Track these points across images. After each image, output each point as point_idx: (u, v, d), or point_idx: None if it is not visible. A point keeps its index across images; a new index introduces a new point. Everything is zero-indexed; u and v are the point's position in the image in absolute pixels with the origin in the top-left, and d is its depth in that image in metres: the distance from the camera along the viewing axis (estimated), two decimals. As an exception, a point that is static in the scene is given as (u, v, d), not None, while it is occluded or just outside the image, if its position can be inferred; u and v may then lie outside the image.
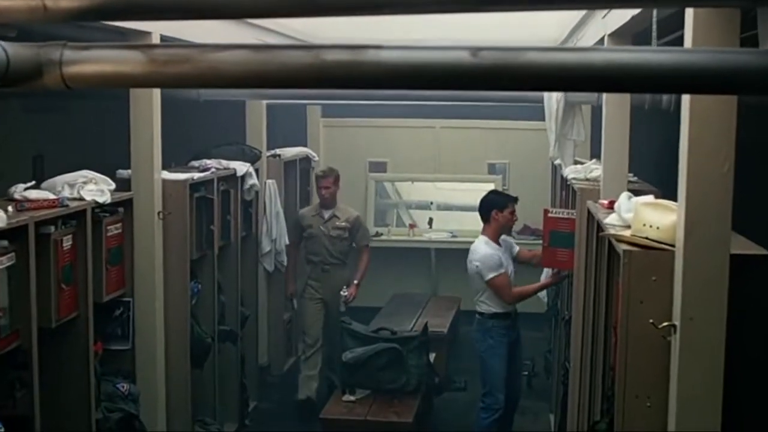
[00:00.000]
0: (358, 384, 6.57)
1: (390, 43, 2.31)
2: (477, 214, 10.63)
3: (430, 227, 10.65)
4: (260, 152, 7.57)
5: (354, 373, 6.55)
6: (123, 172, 5.76)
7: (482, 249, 6.50)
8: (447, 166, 10.70)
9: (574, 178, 6.25)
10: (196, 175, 6.19)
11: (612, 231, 3.68)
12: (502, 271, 6.42)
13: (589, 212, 4.83)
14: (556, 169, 8.04)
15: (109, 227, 4.97)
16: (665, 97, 6.76)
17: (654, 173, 7.25)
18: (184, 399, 6.00)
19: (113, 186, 4.93)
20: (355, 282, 8.01)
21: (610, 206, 4.28)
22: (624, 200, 3.77)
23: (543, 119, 9.00)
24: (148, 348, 5.65)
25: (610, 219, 3.86)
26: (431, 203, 10.87)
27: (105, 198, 4.75)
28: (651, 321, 3.09)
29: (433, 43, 2.41)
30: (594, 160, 6.39)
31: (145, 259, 5.61)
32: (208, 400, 6.57)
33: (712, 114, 2.89)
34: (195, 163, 6.77)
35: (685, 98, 2.96)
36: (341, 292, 7.78)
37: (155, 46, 2.36)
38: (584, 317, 4.86)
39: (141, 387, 5.58)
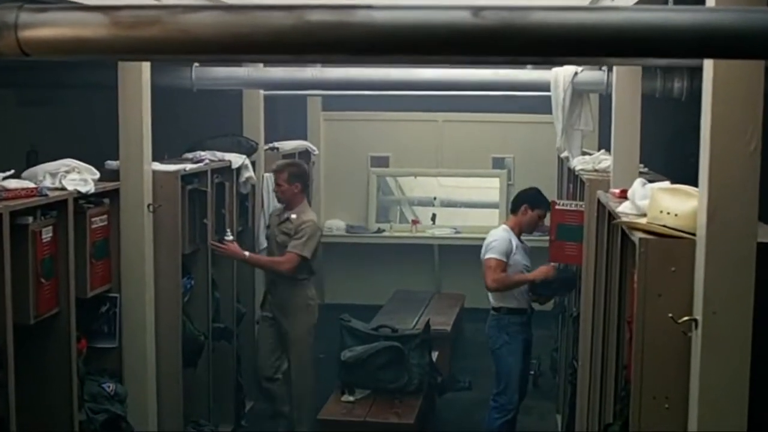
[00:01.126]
0: (358, 384, 6.32)
1: (382, 2, 2.06)
2: (482, 210, 10.68)
3: (434, 223, 10.41)
4: (257, 144, 7.32)
5: (353, 372, 6.30)
6: (112, 163, 5.52)
7: (499, 233, 6.31)
8: (450, 160, 10.44)
9: (582, 170, 6.01)
10: (188, 167, 5.95)
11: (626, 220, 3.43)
12: (504, 259, 6.16)
13: (599, 202, 4.58)
14: (562, 163, 7.80)
15: (93, 219, 4.72)
16: (677, 85, 6.54)
17: (664, 165, 7.02)
18: (176, 399, 5.76)
19: (97, 175, 4.69)
20: (246, 253, 6.55)
21: (623, 195, 4.03)
22: (638, 187, 3.52)
23: (549, 112, 8.76)
24: (137, 346, 5.42)
25: (623, 207, 3.61)
26: (434, 198, 10.61)
27: (88, 188, 4.51)
28: (670, 315, 2.84)
29: (430, 2, 2.16)
30: (602, 151, 6.14)
31: (133, 253, 5.37)
32: (202, 400, 6.32)
33: (737, 87, 2.64)
34: (189, 155, 6.55)
35: (708, 69, 2.71)
36: (225, 237, 6.42)
37: (120, 7, 2.12)
38: (594, 313, 4.61)
39: (130, 387, 5.34)
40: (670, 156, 8.25)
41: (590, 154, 6.35)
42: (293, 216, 6.60)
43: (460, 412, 7.46)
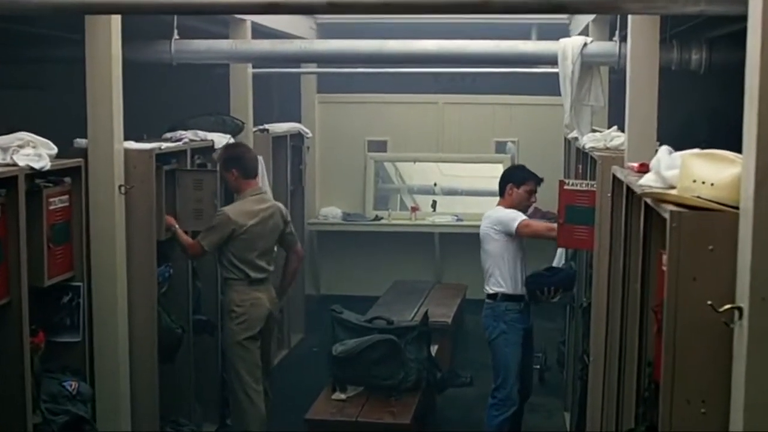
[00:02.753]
0: (350, 380, 5.83)
1: None
2: (484, 198, 10.18)
3: (434, 210, 9.98)
4: (243, 123, 6.85)
5: (345, 367, 5.82)
6: (81, 141, 5.12)
7: (497, 210, 5.91)
8: (451, 144, 10.06)
9: (592, 148, 5.53)
10: (164, 145, 5.48)
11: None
12: (524, 217, 5.81)
13: (614, 179, 4.10)
14: (569, 145, 7.34)
15: (51, 199, 4.25)
16: (694, 57, 6.07)
17: (680, 146, 6.52)
18: (151, 397, 5.32)
19: (54, 150, 4.21)
20: (176, 225, 5.64)
21: (643, 169, 3.55)
22: (664, 155, 3.03)
23: (554, 93, 8.32)
24: (108, 340, 5.03)
25: (646, 180, 3.13)
26: (435, 185, 10.15)
27: (42, 164, 4.03)
28: (709, 303, 2.36)
29: None
30: (614, 128, 5.65)
31: (103, 239, 4.98)
32: (182, 398, 5.87)
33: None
34: (169, 135, 6.09)
35: (755, 14, 2.22)
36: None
37: None
38: (610, 302, 4.14)
39: (101, 385, 4.95)
40: (680, 143, 7.77)
41: (600, 132, 5.87)
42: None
43: (462, 409, 7.00)
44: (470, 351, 8.19)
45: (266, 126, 7.96)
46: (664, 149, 3.09)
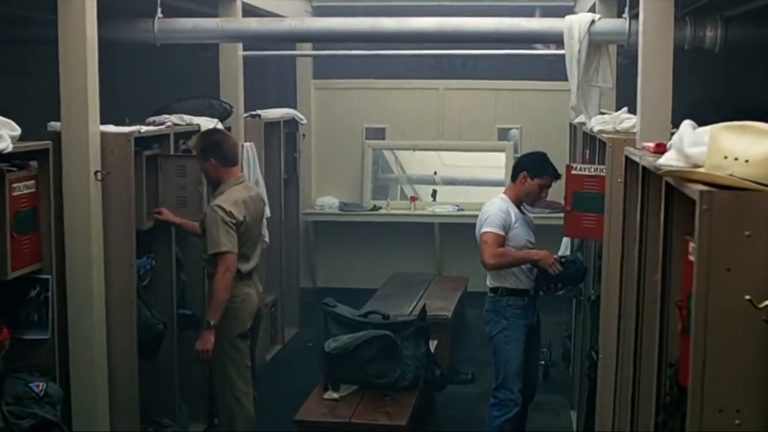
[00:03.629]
0: (343, 378, 5.49)
1: None
2: (487, 189, 9.83)
3: (434, 200, 9.65)
4: (231, 107, 6.51)
5: (338, 365, 5.48)
6: (54, 124, 4.81)
7: (496, 203, 5.42)
8: (452, 132, 9.71)
9: (601, 131, 5.18)
10: (143, 128, 5.13)
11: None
12: (502, 233, 5.29)
13: (627, 161, 3.76)
14: (575, 131, 7.00)
15: (15, 185, 3.90)
16: (709, 34, 5.71)
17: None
18: (131, 397, 5.01)
19: (17, 131, 3.86)
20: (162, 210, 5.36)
21: (660, 149, 3.21)
22: (688, 130, 2.68)
23: (559, 78, 7.99)
24: (83, 337, 4.72)
25: (666, 159, 2.78)
26: (435, 173, 9.81)
27: (4, 146, 3.68)
28: (747, 298, 2.03)
29: None
30: (624, 109, 5.30)
31: (78, 229, 4.67)
32: (166, 397, 5.55)
33: None
34: (153, 119, 5.77)
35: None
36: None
37: None
38: (623, 295, 3.80)
39: (76, 384, 4.65)
40: (701, 120, 7.41)
41: (609, 114, 5.52)
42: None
43: (463, 407, 6.66)
44: (471, 346, 7.86)
45: (258, 111, 7.63)
46: (687, 124, 2.73)
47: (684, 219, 2.59)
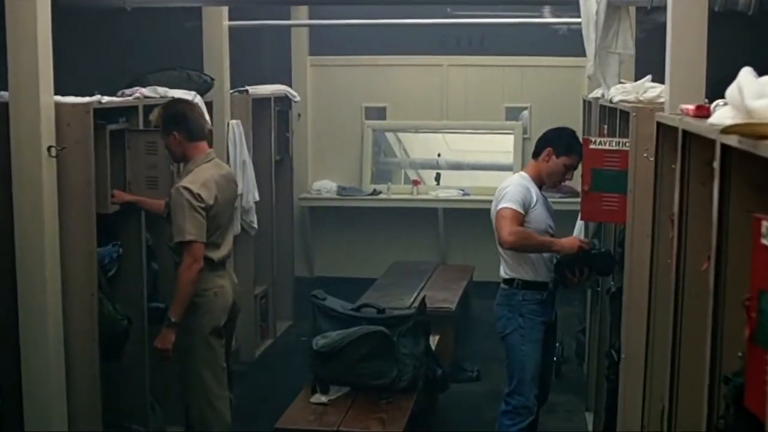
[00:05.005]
0: (333, 379, 4.89)
1: None
2: (493, 173, 9.25)
3: (438, 184, 9.08)
4: (211, 79, 5.94)
5: (327, 365, 4.89)
6: (3, 94, 4.24)
7: (515, 180, 4.80)
8: (457, 111, 9.12)
9: (622, 101, 4.59)
10: (105, 99, 4.55)
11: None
12: (521, 211, 4.65)
13: (659, 129, 3.18)
14: (589, 108, 6.42)
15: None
16: (743, -6, 5.12)
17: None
18: (91, 399, 4.45)
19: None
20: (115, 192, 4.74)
21: (702, 112, 2.62)
22: (749, 80, 2.09)
23: (571, 53, 7.41)
24: (36, 332, 4.22)
25: (719, 118, 2.21)
26: (438, 156, 9.22)
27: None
28: None
29: None
30: (648, 77, 4.70)
31: (28, 211, 4.16)
32: (136, 400, 4.98)
33: None
34: (127, 91, 5.21)
35: None
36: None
37: None
38: (653, 289, 3.23)
39: (29, 382, 4.20)
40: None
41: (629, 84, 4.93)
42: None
43: (468, 408, 6.10)
44: (477, 341, 7.30)
45: (247, 87, 7.06)
46: (748, 71, 2.14)
47: (746, 193, 2.01)
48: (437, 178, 9.11)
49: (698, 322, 2.51)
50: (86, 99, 4.41)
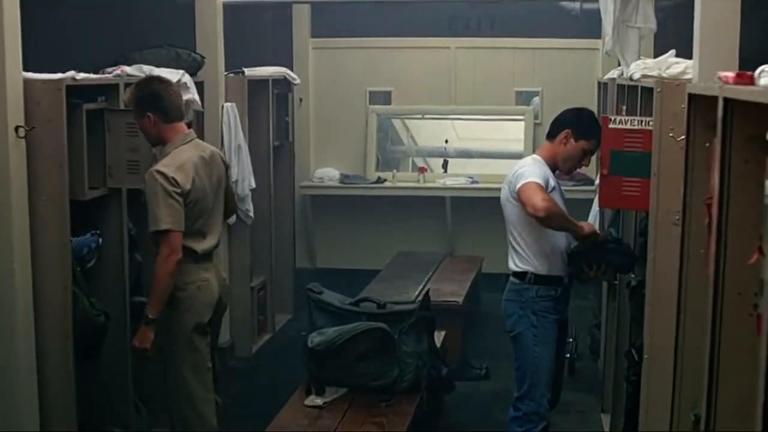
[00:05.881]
0: (329, 380, 4.54)
1: None
2: (503, 161, 8.88)
3: (445, 171, 8.72)
4: (202, 58, 5.58)
5: (323, 364, 4.54)
6: (-31, 71, 3.87)
7: (529, 161, 4.40)
8: (466, 95, 8.75)
9: (644, 77, 4.22)
10: (79, 76, 4.18)
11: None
12: (543, 184, 4.19)
13: (691, 102, 2.81)
14: (605, 90, 6.08)
15: None
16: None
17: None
18: (66, 401, 4.11)
19: None
20: None
21: (743, 79, 2.25)
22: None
23: (583, 35, 7.06)
24: (4, 331, 3.88)
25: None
26: (446, 142, 8.86)
27: None
28: None
29: None
30: (671, 52, 4.33)
31: None
32: (117, 401, 4.64)
33: None
34: (108, 69, 4.85)
35: None
36: None
37: None
38: (683, 283, 2.86)
39: None
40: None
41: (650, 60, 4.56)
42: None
43: (475, 409, 5.75)
44: (486, 336, 6.93)
45: (244, 69, 6.70)
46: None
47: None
48: (444, 165, 8.75)
49: (742, 322, 2.14)
50: (58, 75, 4.05)
